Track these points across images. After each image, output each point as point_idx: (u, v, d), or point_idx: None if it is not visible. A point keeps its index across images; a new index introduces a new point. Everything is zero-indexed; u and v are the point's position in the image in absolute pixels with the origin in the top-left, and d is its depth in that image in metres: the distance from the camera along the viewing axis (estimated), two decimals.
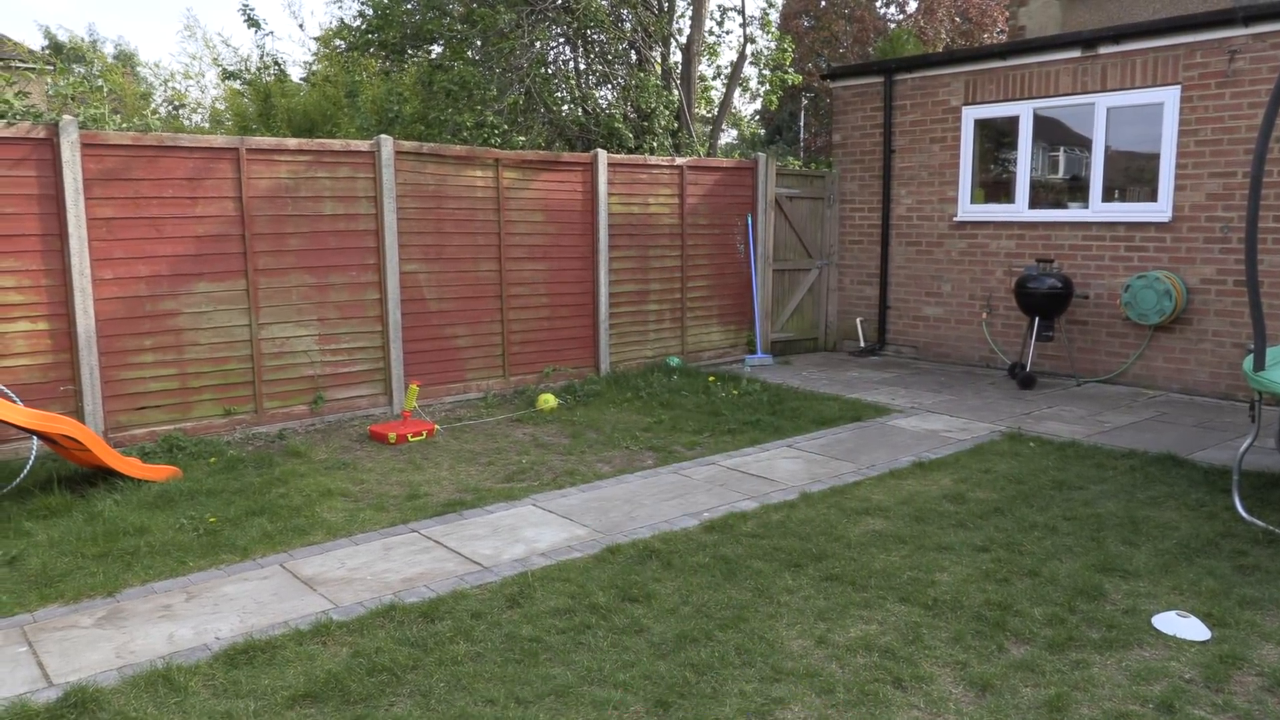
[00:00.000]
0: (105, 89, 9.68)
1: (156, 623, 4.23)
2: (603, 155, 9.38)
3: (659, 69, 12.25)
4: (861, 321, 11.52)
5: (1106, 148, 9.38)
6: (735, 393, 8.90)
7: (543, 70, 11.74)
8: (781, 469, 6.48)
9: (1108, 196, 9.43)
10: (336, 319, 7.83)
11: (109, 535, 5.15)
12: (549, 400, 8.37)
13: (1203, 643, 3.96)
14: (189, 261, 7.09)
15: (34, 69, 17.74)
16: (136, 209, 6.85)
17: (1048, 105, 9.77)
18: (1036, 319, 9.23)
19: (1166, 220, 8.95)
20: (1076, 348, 9.66)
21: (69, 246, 6.56)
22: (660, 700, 3.54)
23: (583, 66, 12.64)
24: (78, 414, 6.67)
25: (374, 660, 3.83)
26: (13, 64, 17.97)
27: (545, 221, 9.10)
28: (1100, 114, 9.34)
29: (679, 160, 10.13)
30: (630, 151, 11.33)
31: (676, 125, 12.01)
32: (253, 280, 7.36)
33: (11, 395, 6.17)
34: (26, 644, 4.04)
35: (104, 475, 6.06)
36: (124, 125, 8.02)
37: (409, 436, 7.23)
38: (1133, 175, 9.32)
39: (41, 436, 5.76)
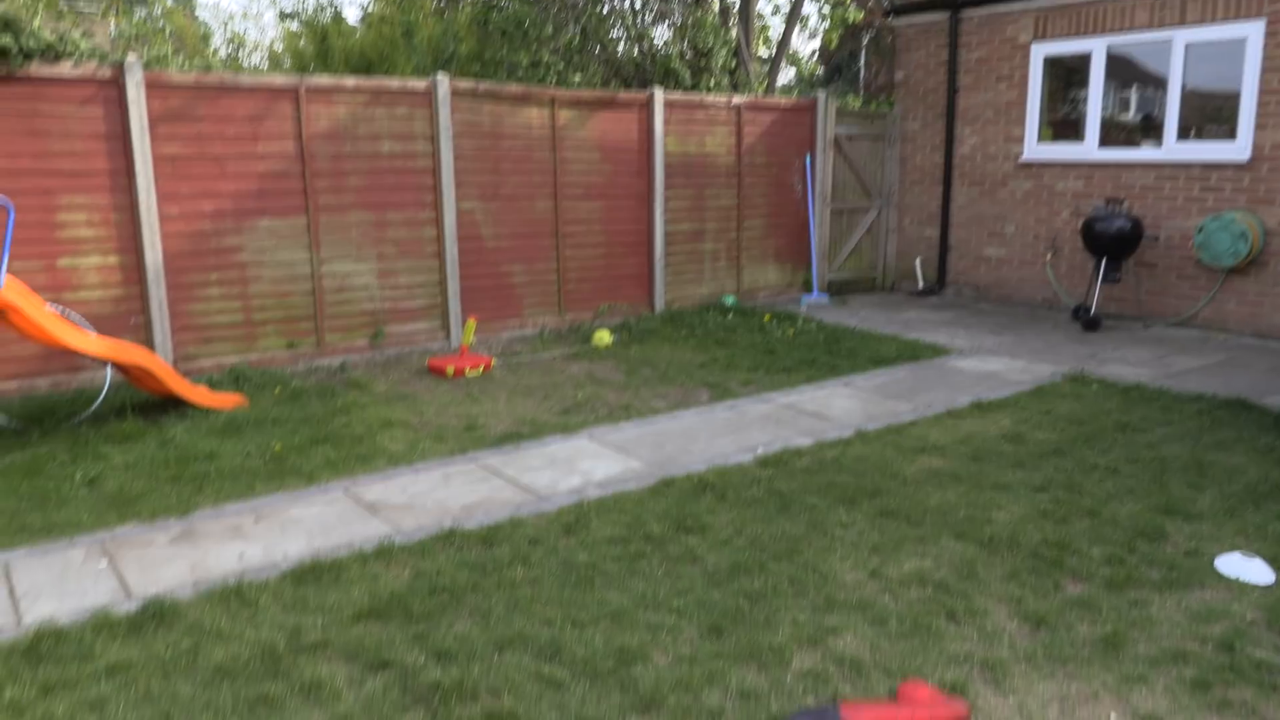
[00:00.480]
0: (167, 30, 9.81)
1: (227, 542, 4.38)
2: (659, 93, 9.27)
3: (717, 6, 12.02)
4: (921, 262, 11.33)
5: (1183, 85, 9.02)
6: (791, 332, 8.85)
7: (598, 9, 11.59)
8: (837, 407, 6.45)
9: (1183, 135, 9.09)
10: (395, 255, 7.92)
11: (181, 460, 5.33)
12: (604, 337, 8.40)
13: (1267, 586, 3.90)
14: (251, 199, 7.21)
15: (97, 12, 17.98)
16: (200, 147, 6.96)
17: (1122, 41, 9.40)
18: (1103, 261, 8.99)
19: (1245, 160, 8.62)
20: (1144, 290, 9.41)
21: (136, 183, 6.70)
22: (714, 626, 3.60)
23: (639, 4, 12.45)
24: (148, 345, 6.87)
25: (435, 581, 3.94)
26: (77, 5, 18.23)
27: (601, 160, 9.05)
28: (1178, 49, 8.97)
29: (736, 99, 9.98)
30: (687, 91, 11.17)
31: (734, 64, 11.81)
32: (313, 217, 7.46)
33: (87, 325, 6.36)
34: (107, 559, 4.23)
35: (174, 403, 6.25)
36: (186, 66, 8.11)
37: (466, 370, 7.33)
38: (1209, 114, 8.96)
39: (115, 365, 5.95)
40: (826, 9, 12.52)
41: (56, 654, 3.44)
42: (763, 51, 12.83)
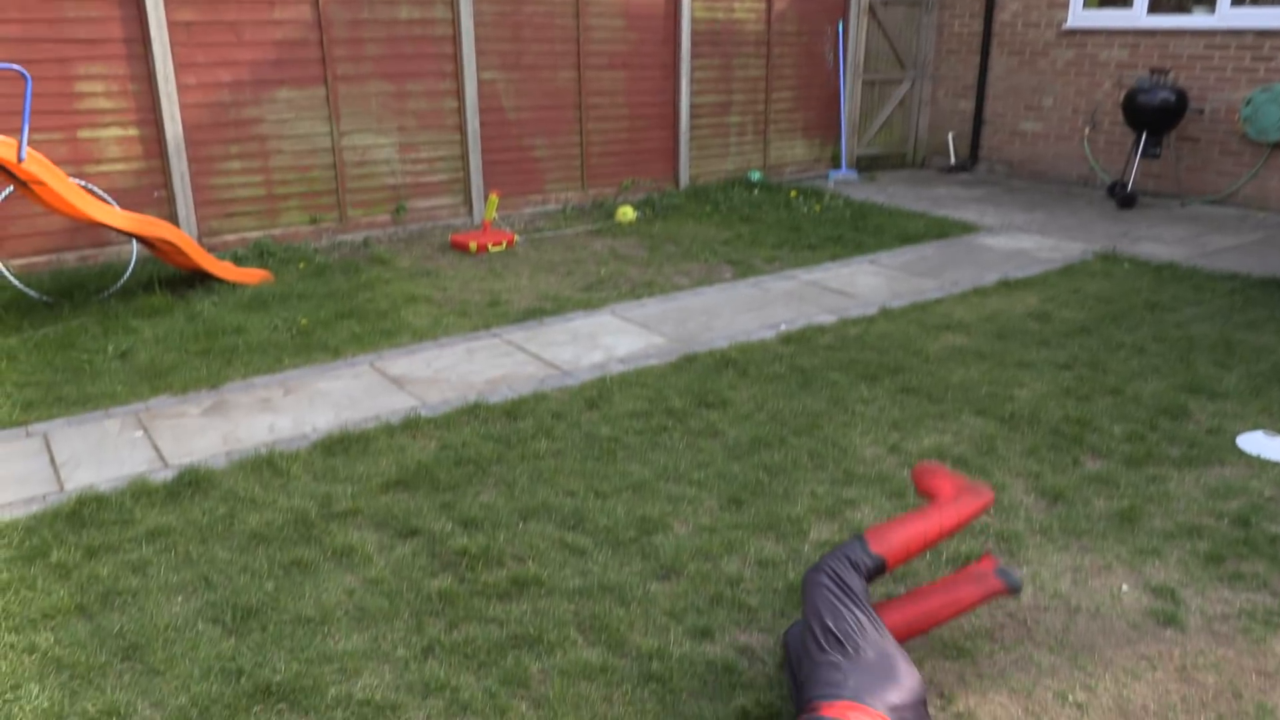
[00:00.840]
0: None
1: (258, 414, 4.48)
2: None
3: None
4: (953, 137, 11.02)
5: None
6: (817, 208, 8.70)
7: None
8: (862, 284, 6.40)
9: (1237, 0, 8.64)
10: (415, 128, 7.79)
11: (209, 333, 5.40)
12: (627, 213, 8.31)
13: None
14: (269, 68, 7.06)
15: None
16: (214, 13, 6.78)
17: None
18: (1144, 134, 8.70)
19: None
20: (1184, 166, 9.13)
21: (152, 52, 6.56)
22: (733, 497, 3.66)
23: None
24: (171, 219, 6.87)
25: (460, 453, 4.02)
26: None
27: (625, 28, 8.75)
28: None
29: None
30: None
31: None
32: (332, 88, 7.32)
33: (109, 199, 6.36)
34: (142, 429, 4.33)
35: (200, 278, 6.29)
36: None
37: (489, 246, 7.31)
38: None
39: (140, 239, 5.96)
40: None
41: (98, 519, 3.57)
42: None
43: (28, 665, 2.79)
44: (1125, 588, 3.13)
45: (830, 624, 2.41)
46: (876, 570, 2.63)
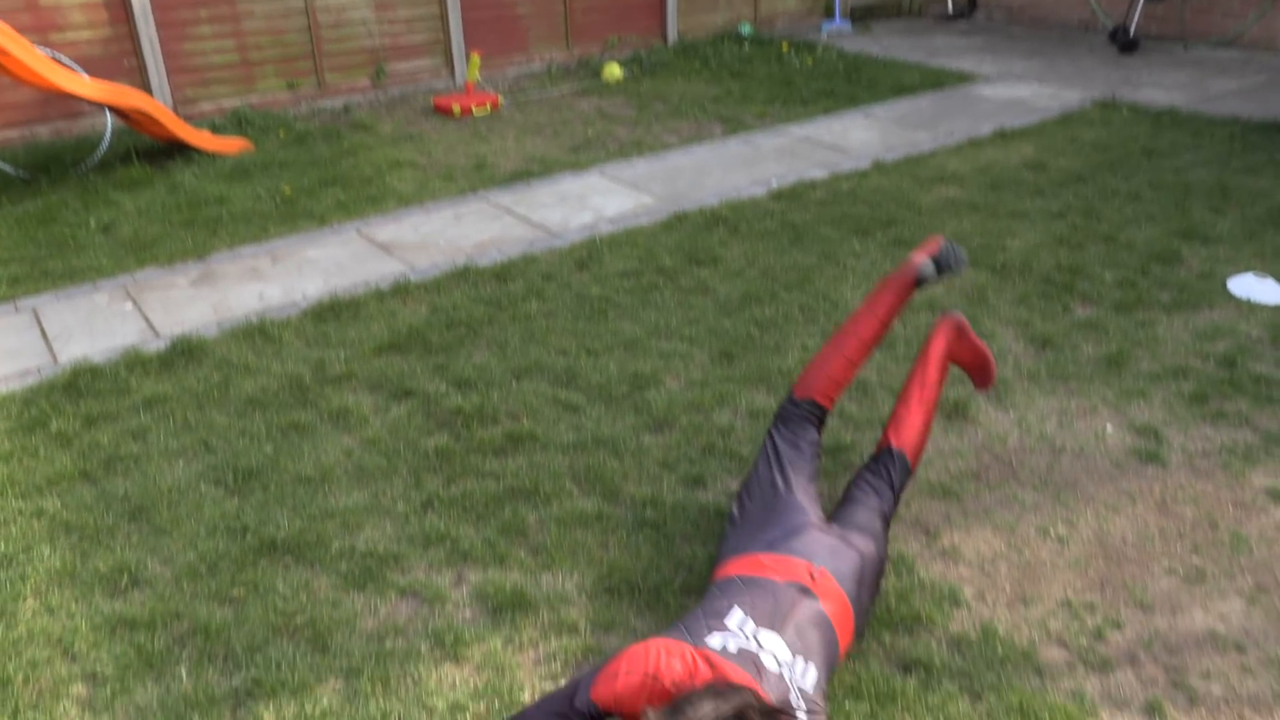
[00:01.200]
0: None
1: (246, 283, 4.45)
2: None
3: None
4: None
5: None
6: (809, 61, 8.45)
7: None
8: (855, 138, 6.27)
9: None
10: None
11: (192, 204, 5.32)
12: (614, 71, 8.07)
13: (1277, 305, 3.91)
14: None
15: None
16: None
17: None
18: None
19: None
20: (1190, 8, 8.82)
21: None
22: (724, 352, 3.69)
23: None
24: (144, 88, 6.66)
25: (451, 316, 4.02)
26: None
27: None
28: None
29: None
30: None
31: None
32: None
33: (77, 68, 6.15)
34: (131, 302, 4.32)
35: (179, 149, 6.15)
36: None
37: (473, 109, 7.12)
38: None
39: (114, 110, 5.80)
40: None
41: (94, 389, 3.59)
42: None
43: (37, 529, 2.85)
44: (1110, 428, 3.18)
45: (742, 489, 2.51)
46: (812, 412, 2.66)
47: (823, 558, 2.21)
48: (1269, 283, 4.03)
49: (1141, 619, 2.39)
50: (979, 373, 2.90)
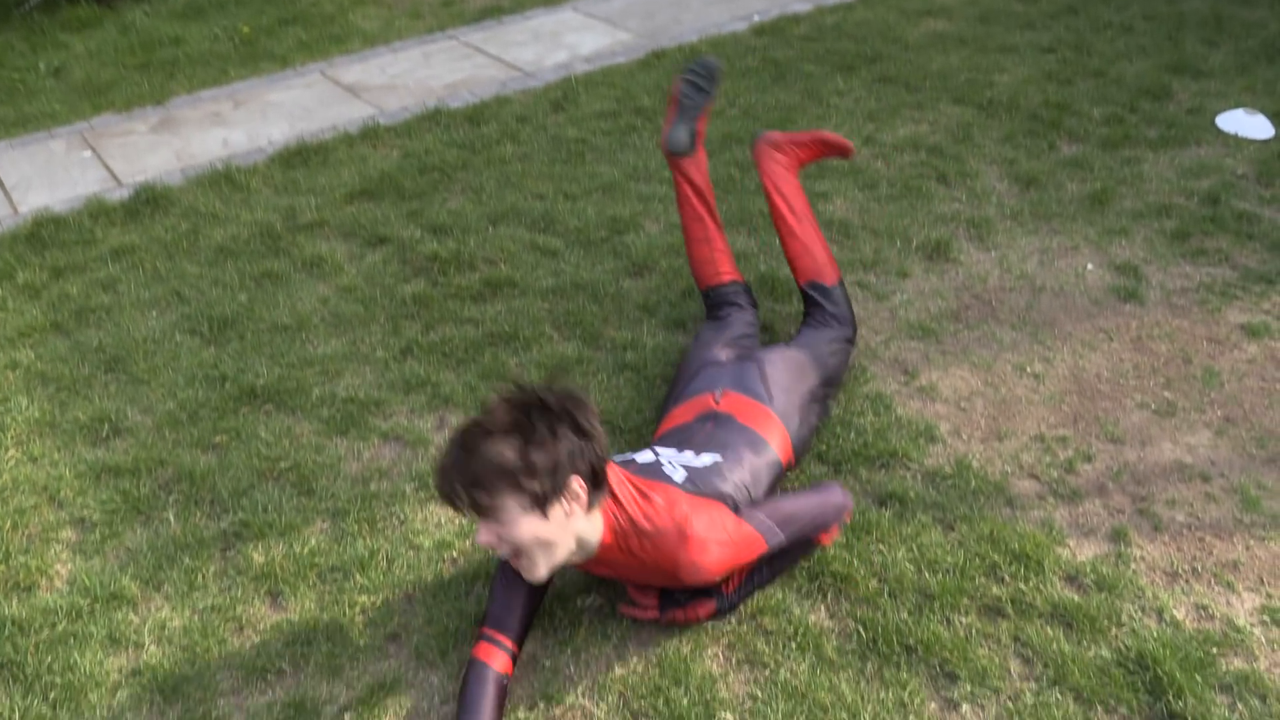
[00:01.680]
0: None
1: (209, 129, 4.29)
2: None
3: None
4: None
5: None
6: None
7: None
8: None
9: None
10: None
11: (146, 46, 5.07)
12: None
13: (1264, 141, 3.85)
14: None
15: None
16: None
17: None
18: None
19: None
20: None
21: None
22: None
23: None
24: None
25: (424, 160, 3.90)
26: None
27: None
28: None
29: None
30: None
31: None
32: None
33: None
34: (90, 149, 4.17)
35: None
36: None
37: None
38: None
39: None
40: None
41: (59, 240, 3.50)
42: None
43: (13, 380, 2.83)
44: (1090, 267, 3.18)
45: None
46: (723, 297, 2.71)
47: (725, 381, 2.30)
48: (1258, 118, 3.95)
49: (1112, 451, 2.45)
50: (833, 153, 2.93)
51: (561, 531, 1.73)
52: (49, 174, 3.98)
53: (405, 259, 3.32)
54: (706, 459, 2.06)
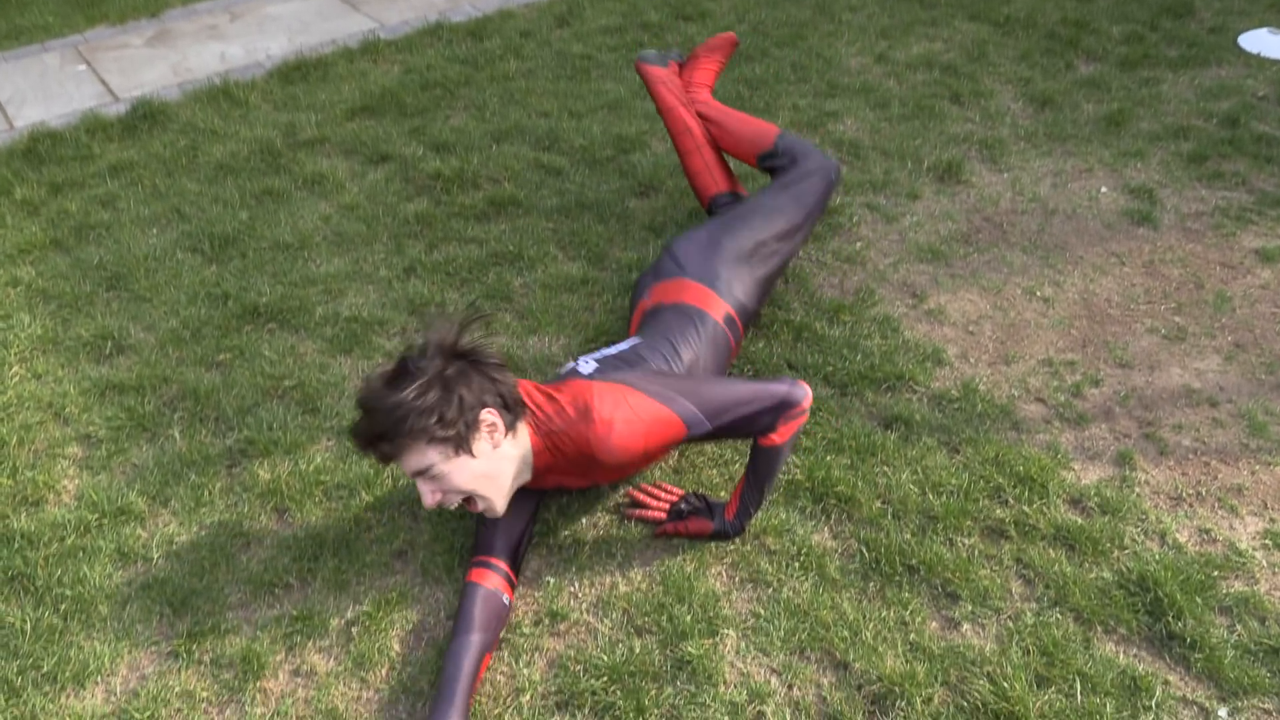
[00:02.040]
0: None
1: (206, 42, 4.20)
2: None
3: None
4: None
5: None
6: None
7: None
8: None
9: None
10: None
11: None
12: None
13: None
14: None
15: None
16: None
17: None
18: None
19: None
20: None
21: None
22: None
23: None
24: None
25: (426, 76, 3.82)
26: None
27: None
28: None
29: None
30: None
31: None
32: None
33: None
34: (85, 63, 4.08)
35: None
36: None
37: None
38: None
39: None
40: None
41: (56, 155, 3.45)
42: None
43: (14, 297, 2.81)
44: (1104, 189, 3.12)
45: None
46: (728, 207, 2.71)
47: (648, 281, 2.35)
48: None
49: (1120, 376, 2.43)
50: (726, 52, 2.92)
51: (495, 461, 1.79)
52: (43, 88, 3.90)
53: (408, 177, 3.27)
54: (623, 345, 2.09)
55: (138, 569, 2.03)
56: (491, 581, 1.87)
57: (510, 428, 1.80)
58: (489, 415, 1.76)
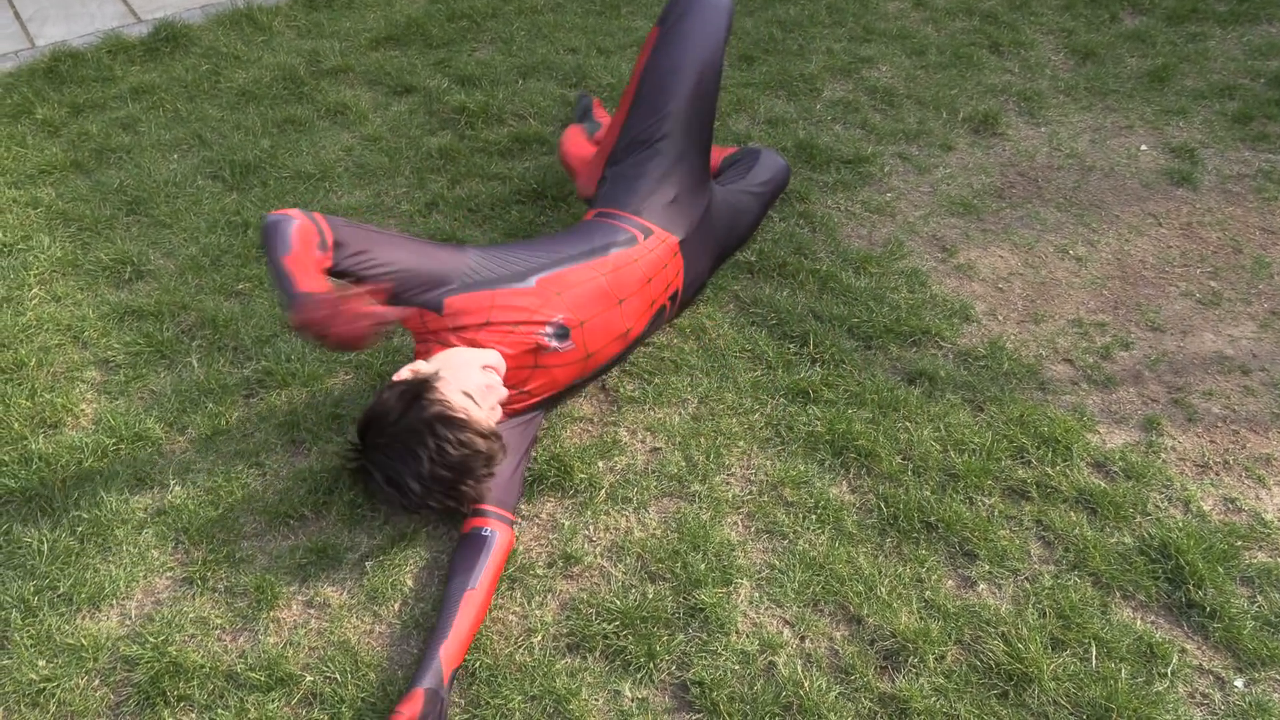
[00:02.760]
0: None
1: None
2: None
3: None
4: None
5: None
6: None
7: None
8: None
9: None
10: None
11: None
12: None
13: None
14: None
15: None
16: None
17: None
18: None
19: None
20: None
21: None
22: (744, 54, 3.45)
23: None
24: None
25: (452, 7, 3.74)
26: None
27: None
28: None
29: None
30: None
31: None
32: None
33: None
34: None
35: None
36: None
37: None
38: None
39: None
40: None
41: (77, 76, 3.40)
42: None
43: (34, 218, 2.79)
44: (1144, 148, 3.04)
45: None
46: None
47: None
48: None
49: (1151, 340, 2.39)
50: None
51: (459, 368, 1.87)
52: (65, 6, 3.84)
53: (432, 110, 3.21)
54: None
55: (154, 495, 2.04)
56: (468, 526, 1.87)
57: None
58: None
